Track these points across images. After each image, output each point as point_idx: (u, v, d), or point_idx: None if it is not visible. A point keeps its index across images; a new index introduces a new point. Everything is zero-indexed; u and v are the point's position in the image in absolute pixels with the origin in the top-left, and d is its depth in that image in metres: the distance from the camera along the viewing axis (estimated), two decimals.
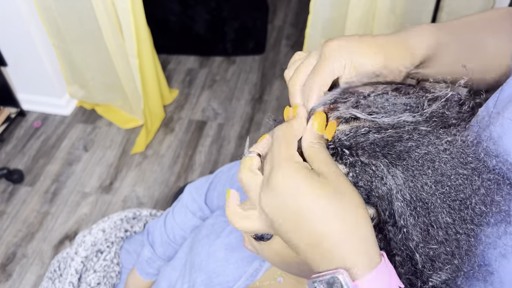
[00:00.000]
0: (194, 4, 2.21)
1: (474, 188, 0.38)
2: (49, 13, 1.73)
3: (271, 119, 0.48)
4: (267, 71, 2.31)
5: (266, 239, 0.44)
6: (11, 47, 1.85)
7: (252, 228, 0.40)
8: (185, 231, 0.86)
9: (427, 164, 0.38)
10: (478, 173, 0.39)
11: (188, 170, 1.84)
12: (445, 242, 0.38)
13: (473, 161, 0.39)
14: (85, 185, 1.79)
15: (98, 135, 1.98)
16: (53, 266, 0.94)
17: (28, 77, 1.96)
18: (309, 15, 1.46)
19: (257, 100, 2.15)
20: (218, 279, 0.66)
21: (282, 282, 0.62)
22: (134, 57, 1.71)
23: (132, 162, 1.87)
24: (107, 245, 0.93)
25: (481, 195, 0.39)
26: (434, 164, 0.38)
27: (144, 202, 1.72)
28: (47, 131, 2.00)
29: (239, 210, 0.41)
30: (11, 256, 1.57)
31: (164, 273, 0.81)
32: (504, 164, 0.40)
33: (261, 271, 0.64)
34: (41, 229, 1.64)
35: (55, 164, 1.87)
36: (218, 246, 0.69)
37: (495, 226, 0.40)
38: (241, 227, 0.41)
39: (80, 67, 1.92)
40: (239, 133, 1.99)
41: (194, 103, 2.15)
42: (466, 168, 0.39)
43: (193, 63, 2.36)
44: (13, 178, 1.77)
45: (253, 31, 2.34)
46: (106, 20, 1.61)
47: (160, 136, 1.98)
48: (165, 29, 2.29)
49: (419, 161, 0.38)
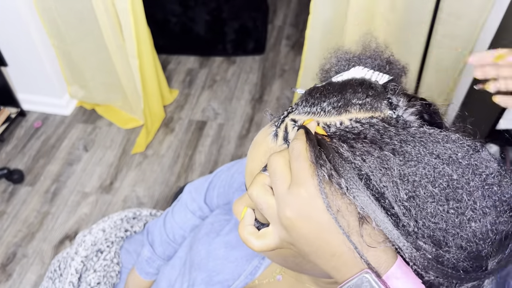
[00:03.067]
0: (194, 5, 2.21)
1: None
2: (49, 13, 1.73)
3: (269, 114, 0.49)
4: (267, 71, 2.31)
5: (260, 228, 0.44)
6: (11, 47, 1.85)
7: (270, 246, 0.41)
8: (185, 231, 0.86)
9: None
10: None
11: (188, 170, 1.84)
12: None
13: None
14: (85, 185, 1.79)
15: (98, 135, 1.99)
16: (53, 266, 0.94)
17: (28, 77, 1.96)
18: (309, 15, 1.46)
19: (257, 100, 2.15)
20: (218, 278, 0.66)
21: (281, 280, 0.63)
22: (134, 57, 1.71)
23: (132, 162, 1.87)
24: (107, 245, 0.93)
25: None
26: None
27: (144, 202, 1.72)
28: (47, 131, 2.01)
29: (252, 230, 0.42)
30: (11, 256, 1.57)
31: (164, 272, 0.82)
32: None
33: (261, 269, 0.65)
34: (41, 229, 1.64)
35: (55, 164, 1.87)
36: (218, 245, 0.69)
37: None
38: (258, 246, 0.41)
39: (80, 67, 1.92)
40: (239, 133, 1.99)
41: (194, 103, 2.15)
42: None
43: (193, 63, 2.36)
44: (13, 178, 1.77)
45: (253, 32, 2.34)
46: (106, 21, 1.61)
47: (160, 136, 1.98)
48: (165, 30, 2.29)
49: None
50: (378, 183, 0.36)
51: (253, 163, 0.47)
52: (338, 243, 0.36)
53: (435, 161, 0.36)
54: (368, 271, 0.35)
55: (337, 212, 0.36)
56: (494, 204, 0.36)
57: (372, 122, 0.40)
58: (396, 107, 0.43)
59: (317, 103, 0.44)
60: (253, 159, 0.47)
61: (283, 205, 0.38)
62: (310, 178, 0.37)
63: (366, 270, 0.36)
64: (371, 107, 0.42)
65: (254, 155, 0.47)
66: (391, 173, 0.36)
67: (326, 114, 0.43)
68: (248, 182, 0.48)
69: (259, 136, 0.48)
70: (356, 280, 0.36)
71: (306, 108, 0.44)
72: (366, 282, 0.35)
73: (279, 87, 2.22)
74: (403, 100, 0.43)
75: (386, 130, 0.39)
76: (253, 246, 0.41)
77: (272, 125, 0.46)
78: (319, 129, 0.41)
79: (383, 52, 0.52)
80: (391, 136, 0.38)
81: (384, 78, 0.48)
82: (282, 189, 0.38)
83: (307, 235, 0.37)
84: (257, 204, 0.40)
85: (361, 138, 0.39)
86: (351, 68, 0.50)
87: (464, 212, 0.36)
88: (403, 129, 0.39)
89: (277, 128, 0.45)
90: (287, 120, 0.45)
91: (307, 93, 0.46)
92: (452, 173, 0.36)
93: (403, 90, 0.46)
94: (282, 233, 0.39)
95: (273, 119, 0.47)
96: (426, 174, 0.36)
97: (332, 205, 0.36)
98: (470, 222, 0.36)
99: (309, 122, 0.42)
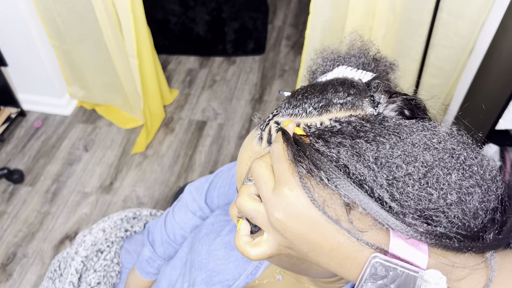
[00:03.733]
0: (194, 5, 2.21)
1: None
2: (49, 13, 1.74)
3: (257, 117, 0.49)
4: (267, 72, 2.31)
5: (255, 231, 0.44)
6: (11, 47, 1.85)
7: (266, 253, 0.41)
8: (185, 231, 0.87)
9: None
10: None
11: (188, 170, 1.84)
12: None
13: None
14: (85, 185, 1.79)
15: (99, 135, 1.99)
16: (54, 266, 0.94)
17: (28, 77, 1.96)
18: (309, 15, 1.46)
19: (257, 100, 2.15)
20: (218, 278, 0.66)
21: (281, 280, 0.63)
22: (134, 58, 1.71)
23: (132, 162, 1.87)
24: (107, 245, 0.93)
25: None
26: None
27: (144, 202, 1.72)
28: (47, 131, 2.01)
29: (247, 239, 0.42)
30: (12, 256, 1.57)
31: (164, 272, 0.82)
32: None
33: (261, 269, 0.65)
34: (41, 229, 1.65)
35: (56, 164, 1.87)
36: (218, 245, 0.69)
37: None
38: (255, 254, 0.41)
39: (80, 67, 1.92)
40: (239, 133, 1.99)
41: (194, 103, 2.15)
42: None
43: (193, 64, 2.37)
44: (13, 178, 1.77)
45: (253, 32, 2.34)
46: (106, 21, 1.61)
47: (160, 136, 1.98)
48: (165, 30, 2.29)
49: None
50: (355, 171, 0.37)
51: (241, 168, 0.47)
52: (333, 235, 0.36)
53: (410, 147, 0.37)
54: (375, 255, 0.35)
55: (323, 203, 0.36)
56: (478, 184, 0.37)
57: (350, 120, 0.41)
58: (378, 104, 0.43)
59: (299, 105, 0.44)
60: (241, 164, 0.47)
61: (271, 209, 0.38)
62: (291, 176, 0.37)
63: (372, 255, 0.35)
64: (352, 105, 0.43)
65: (241, 159, 0.47)
66: (366, 158, 0.37)
67: (307, 115, 0.43)
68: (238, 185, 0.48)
69: (246, 140, 0.48)
70: (369, 270, 0.35)
71: (288, 110, 0.45)
72: (379, 265, 0.35)
73: (279, 87, 2.22)
74: (384, 97, 0.44)
75: (362, 125, 0.40)
76: (249, 255, 0.41)
77: (258, 129, 0.47)
78: (298, 129, 0.42)
79: (369, 50, 0.52)
80: (366, 130, 0.39)
81: (367, 76, 0.48)
82: (267, 192, 0.38)
83: (300, 233, 0.37)
84: (247, 214, 0.40)
85: (338, 134, 0.40)
86: (335, 68, 0.50)
87: (447, 191, 0.36)
88: (380, 124, 0.40)
89: (262, 131, 0.46)
90: (271, 123, 0.45)
91: (290, 95, 0.47)
92: (427, 156, 0.37)
93: (386, 87, 0.46)
94: (277, 237, 0.39)
95: (260, 122, 0.47)
96: (401, 156, 0.37)
97: (317, 198, 0.36)
98: (457, 201, 0.36)
99: (287, 124, 0.42)
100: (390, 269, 0.35)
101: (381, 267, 0.35)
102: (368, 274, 0.35)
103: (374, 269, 0.35)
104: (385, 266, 0.35)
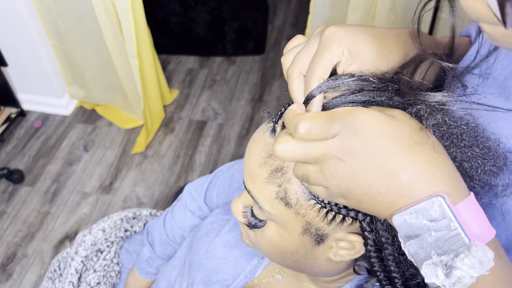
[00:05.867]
0: (194, 5, 2.21)
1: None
2: (49, 13, 1.74)
3: (266, 112, 0.50)
4: (267, 71, 2.31)
5: (260, 226, 0.44)
6: (11, 47, 1.85)
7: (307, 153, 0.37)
8: (184, 230, 0.86)
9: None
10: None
11: (188, 170, 1.84)
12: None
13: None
14: (85, 185, 1.79)
15: (98, 135, 1.99)
16: (53, 266, 0.94)
17: (28, 77, 1.96)
18: (309, 15, 1.46)
19: (257, 100, 2.15)
20: (217, 277, 0.66)
21: (280, 279, 0.63)
22: (134, 58, 1.71)
23: (132, 162, 1.87)
24: (107, 245, 0.93)
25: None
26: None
27: (144, 202, 1.72)
28: (47, 131, 2.01)
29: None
30: (11, 256, 1.57)
31: (164, 272, 0.82)
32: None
33: (260, 268, 0.65)
34: (41, 229, 1.65)
35: (56, 164, 1.87)
36: (217, 244, 0.69)
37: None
38: (303, 131, 0.36)
39: (80, 67, 1.92)
40: (239, 133, 1.99)
41: (194, 103, 2.15)
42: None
43: (193, 63, 2.36)
44: (13, 178, 1.77)
45: (253, 32, 2.34)
46: (106, 21, 1.61)
47: (160, 136, 1.98)
48: (165, 30, 2.29)
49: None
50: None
51: (251, 161, 0.47)
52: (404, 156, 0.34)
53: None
54: (442, 195, 0.33)
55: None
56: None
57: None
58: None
59: (311, 96, 0.44)
60: (251, 156, 0.47)
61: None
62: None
63: (439, 193, 0.33)
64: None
65: (251, 152, 0.47)
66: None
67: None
68: (246, 180, 0.48)
69: (256, 134, 0.48)
70: (426, 203, 0.33)
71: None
72: (438, 206, 0.33)
73: (279, 87, 2.22)
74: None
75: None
76: (297, 128, 0.36)
77: (269, 122, 0.47)
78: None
79: None
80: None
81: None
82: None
83: (363, 148, 0.35)
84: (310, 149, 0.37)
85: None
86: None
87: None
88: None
89: (275, 124, 0.46)
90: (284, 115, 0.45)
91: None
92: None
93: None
94: (338, 164, 0.36)
95: (270, 116, 0.48)
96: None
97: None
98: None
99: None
100: (445, 217, 0.32)
101: (439, 210, 0.33)
102: (421, 208, 0.33)
103: (431, 205, 0.33)
104: (445, 211, 0.33)
